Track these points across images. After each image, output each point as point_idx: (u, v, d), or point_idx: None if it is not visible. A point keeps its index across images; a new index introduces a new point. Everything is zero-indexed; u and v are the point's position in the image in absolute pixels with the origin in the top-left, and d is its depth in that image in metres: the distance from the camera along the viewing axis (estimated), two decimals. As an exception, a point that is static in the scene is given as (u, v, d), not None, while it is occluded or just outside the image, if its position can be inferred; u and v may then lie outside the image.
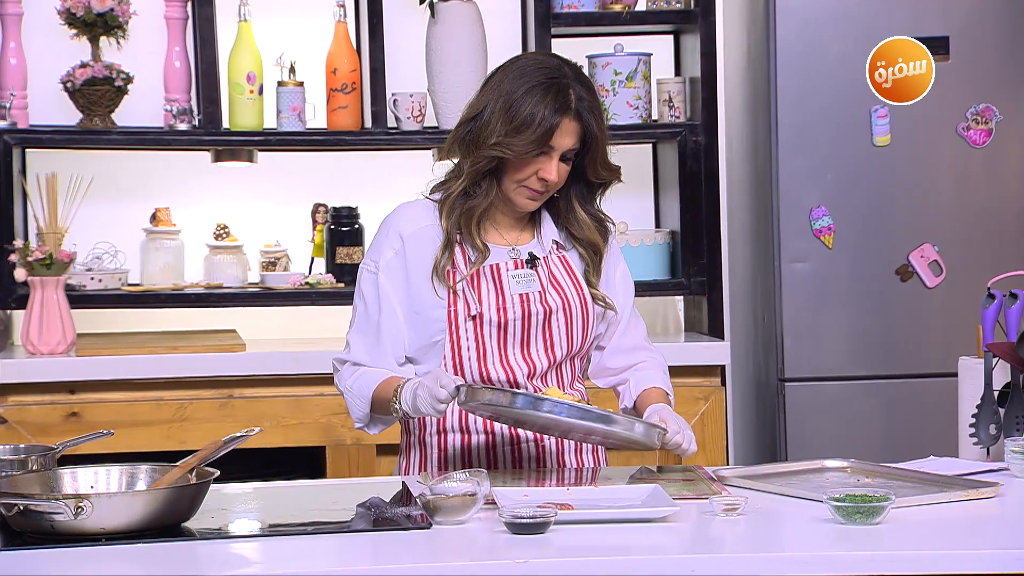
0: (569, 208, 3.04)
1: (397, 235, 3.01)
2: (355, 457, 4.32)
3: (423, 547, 2.49)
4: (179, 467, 2.67)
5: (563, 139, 2.91)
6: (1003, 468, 2.96)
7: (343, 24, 4.60)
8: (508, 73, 2.96)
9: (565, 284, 3.02)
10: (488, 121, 2.94)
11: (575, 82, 2.93)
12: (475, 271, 2.97)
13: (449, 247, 2.98)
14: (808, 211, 4.50)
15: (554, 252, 3.04)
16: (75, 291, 4.47)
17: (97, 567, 2.39)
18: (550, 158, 2.92)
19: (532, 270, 3.01)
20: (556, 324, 3.00)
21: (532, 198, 2.97)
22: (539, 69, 2.94)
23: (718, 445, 4.43)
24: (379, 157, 4.82)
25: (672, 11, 4.66)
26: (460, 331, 2.97)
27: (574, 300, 3.02)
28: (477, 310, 2.96)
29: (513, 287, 2.98)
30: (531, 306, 2.98)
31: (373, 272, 3.01)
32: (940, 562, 2.37)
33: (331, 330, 4.74)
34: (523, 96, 2.91)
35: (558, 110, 2.89)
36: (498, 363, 2.98)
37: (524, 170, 2.93)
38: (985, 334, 3.13)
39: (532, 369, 2.99)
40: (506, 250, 3.01)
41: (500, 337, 2.98)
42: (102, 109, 4.51)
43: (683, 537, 2.54)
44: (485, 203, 2.97)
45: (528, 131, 2.89)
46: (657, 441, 2.80)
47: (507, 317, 2.97)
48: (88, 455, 3.72)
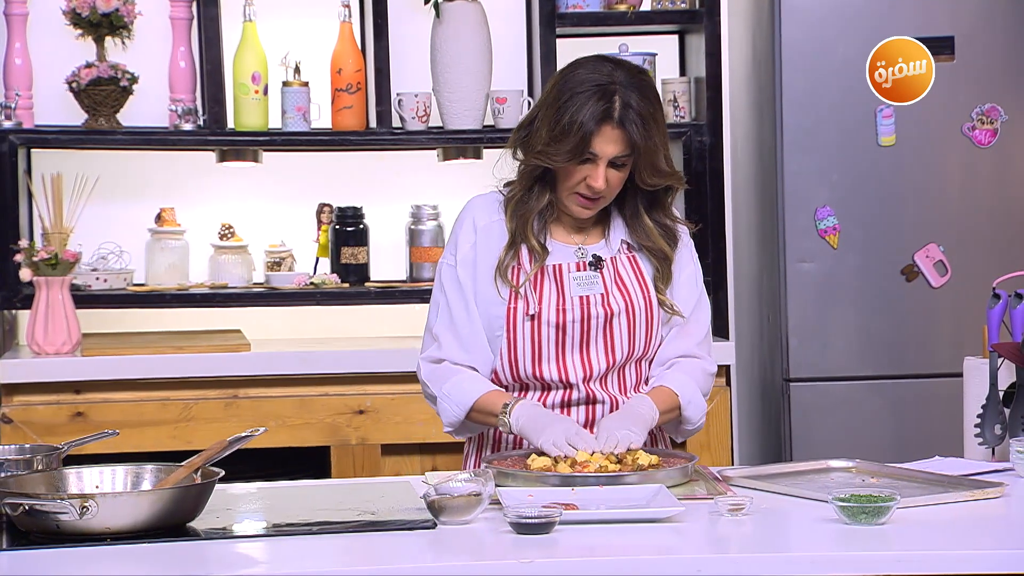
0: (634, 215, 3.01)
1: (472, 227, 3.02)
2: (360, 457, 4.32)
3: (428, 547, 2.50)
4: (184, 467, 2.67)
5: (606, 147, 2.88)
6: (1008, 468, 2.95)
7: (348, 24, 4.60)
8: (562, 78, 2.94)
9: (631, 286, 3.00)
10: (538, 127, 2.94)
11: (627, 88, 2.88)
12: (538, 271, 2.97)
13: (514, 246, 2.98)
14: (813, 211, 4.50)
15: (623, 252, 3.02)
16: (80, 291, 4.48)
17: (102, 567, 2.39)
18: (596, 166, 2.90)
19: (596, 272, 2.99)
20: (618, 327, 2.98)
21: (584, 206, 2.95)
22: (590, 75, 2.90)
23: (723, 445, 4.42)
24: (384, 157, 4.82)
25: (677, 11, 4.66)
26: (517, 330, 2.96)
27: (639, 303, 2.99)
28: (535, 309, 2.96)
29: (574, 288, 2.98)
30: (591, 308, 2.97)
31: (452, 266, 3.01)
32: (945, 562, 2.37)
33: (336, 330, 4.74)
34: (566, 103, 2.89)
35: (599, 118, 2.86)
36: (553, 364, 2.98)
37: (573, 177, 2.92)
38: (990, 334, 3.13)
39: (589, 372, 2.98)
40: (572, 249, 3.01)
41: (558, 338, 2.97)
42: (107, 109, 4.51)
43: (688, 537, 2.54)
44: (538, 207, 2.97)
45: (567, 139, 2.87)
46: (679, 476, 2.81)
47: (566, 319, 2.96)
48: (93, 455, 3.72)
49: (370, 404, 4.33)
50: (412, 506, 2.70)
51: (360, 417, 4.33)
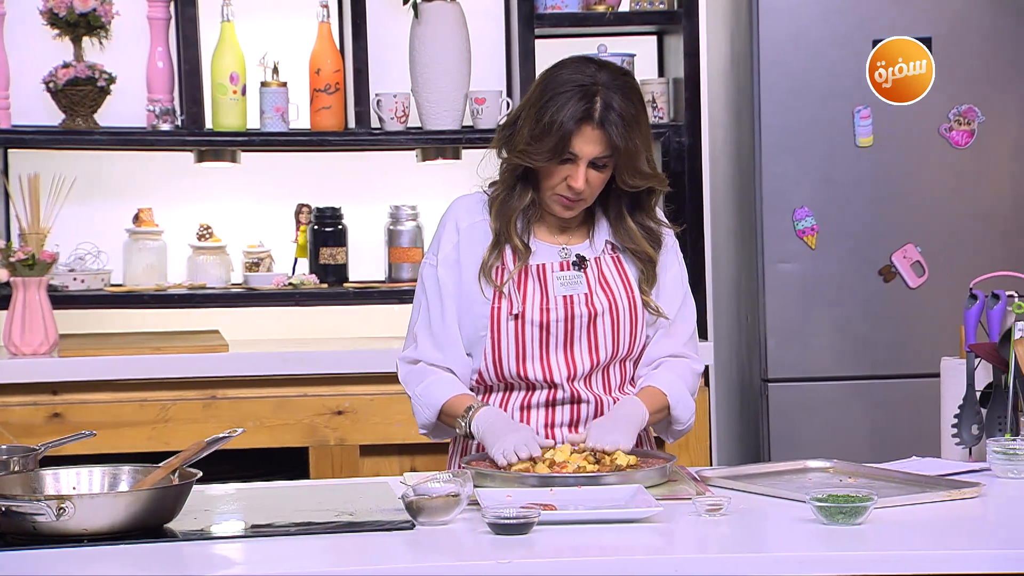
0: (618, 216, 3.02)
1: (455, 228, 3.02)
2: (339, 458, 4.32)
3: (406, 548, 2.49)
4: (162, 468, 2.66)
5: (586, 147, 2.88)
6: (985, 468, 2.96)
7: (326, 24, 4.60)
8: (546, 78, 2.95)
9: (615, 286, 3.01)
10: (520, 127, 2.94)
11: (609, 90, 2.88)
12: (522, 270, 2.97)
13: (498, 246, 2.98)
14: (791, 212, 4.51)
15: (607, 253, 3.02)
16: (58, 292, 4.46)
17: (79, 568, 2.38)
18: (576, 166, 2.90)
19: (579, 272, 2.99)
20: (602, 326, 2.98)
21: (566, 206, 2.95)
22: (573, 75, 2.90)
23: (702, 446, 4.43)
24: (363, 158, 4.81)
25: (655, 12, 4.67)
26: (501, 329, 2.97)
27: (622, 303, 3.00)
28: (519, 309, 2.96)
29: (557, 288, 2.98)
30: (575, 308, 2.97)
31: (434, 266, 3.02)
32: (922, 562, 2.38)
33: (315, 331, 4.74)
34: (548, 102, 2.89)
35: (579, 118, 2.86)
36: (537, 363, 2.98)
37: (554, 177, 2.92)
38: (967, 334, 3.14)
39: (573, 371, 2.98)
40: (556, 249, 3.01)
41: (542, 337, 2.97)
42: (85, 109, 4.50)
43: (666, 537, 2.54)
44: (521, 205, 2.97)
45: (548, 139, 2.87)
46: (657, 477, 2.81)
47: (549, 318, 2.97)
48: (71, 456, 3.71)
49: (349, 405, 4.33)
50: (390, 507, 2.70)
51: (339, 418, 4.33)
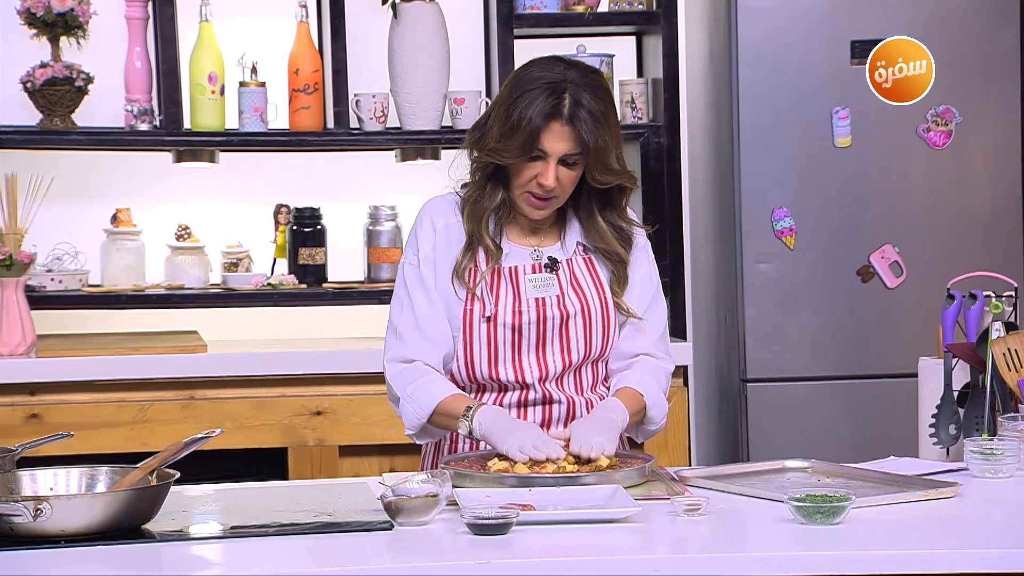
0: (589, 216, 3.01)
1: (431, 227, 3.01)
2: (318, 458, 4.31)
3: (385, 548, 2.49)
4: (140, 469, 2.66)
5: (555, 144, 2.88)
6: (962, 468, 2.97)
7: (305, 24, 4.59)
8: (515, 76, 2.95)
9: (587, 288, 3.01)
10: (491, 125, 2.94)
11: (578, 87, 2.88)
12: (494, 271, 2.97)
13: (471, 248, 2.98)
14: (770, 212, 4.52)
15: (579, 255, 3.03)
16: (35, 292, 4.45)
17: (57, 569, 2.38)
18: (546, 163, 2.90)
19: (551, 274, 3.00)
20: (574, 328, 2.99)
21: (536, 206, 2.95)
22: (543, 73, 2.91)
23: (680, 445, 4.43)
24: (342, 158, 4.81)
25: (634, 12, 4.67)
26: (474, 331, 2.97)
27: (594, 305, 3.00)
28: (492, 311, 2.96)
29: (529, 290, 2.98)
30: (547, 310, 2.97)
31: (415, 265, 3.01)
32: (900, 562, 2.39)
33: (294, 331, 4.73)
34: (518, 100, 2.89)
35: (547, 114, 2.87)
36: (509, 365, 2.98)
37: (524, 175, 2.92)
38: (945, 335, 3.15)
39: (545, 372, 2.98)
40: (528, 251, 3.01)
41: (514, 339, 2.97)
42: (62, 109, 4.48)
43: (645, 537, 2.54)
44: (492, 205, 2.97)
45: (517, 135, 2.88)
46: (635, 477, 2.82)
47: (522, 320, 2.97)
48: (48, 457, 3.69)
49: (328, 405, 4.32)
50: (369, 507, 2.70)
51: (318, 418, 4.32)
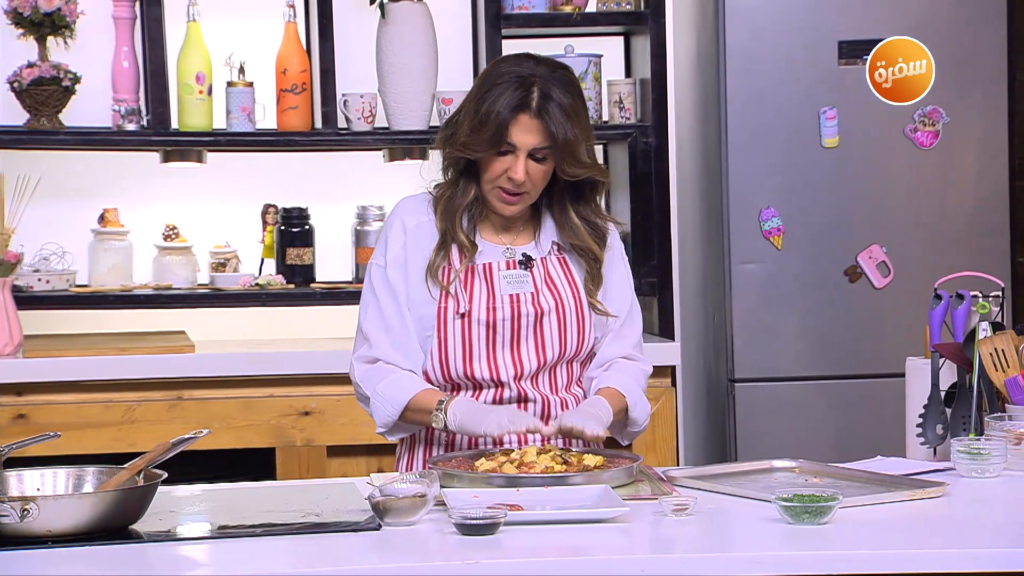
0: (562, 212, 3.02)
1: (402, 228, 3.02)
2: (305, 458, 4.31)
3: (373, 548, 2.49)
4: (127, 469, 2.66)
5: (524, 137, 2.90)
6: (949, 468, 2.98)
7: (293, 24, 4.59)
8: (485, 73, 2.98)
9: (561, 286, 3.01)
10: (461, 121, 2.96)
11: (549, 81, 2.90)
12: (468, 269, 2.98)
13: (444, 246, 2.98)
14: (758, 212, 4.52)
15: (553, 254, 3.04)
16: (22, 292, 4.44)
17: (44, 569, 2.37)
18: (516, 157, 2.91)
19: (526, 270, 3.00)
20: (548, 326, 2.99)
21: (507, 201, 2.96)
22: (512, 68, 2.93)
23: (668, 446, 4.44)
24: (329, 158, 4.80)
25: (622, 12, 4.67)
26: (448, 329, 2.97)
27: (569, 303, 3.01)
28: (466, 308, 2.96)
29: (504, 287, 2.98)
30: (522, 307, 2.98)
31: (382, 266, 3.02)
32: (887, 562, 2.39)
33: (281, 331, 4.73)
34: (487, 94, 2.91)
35: (515, 107, 2.88)
36: (484, 362, 2.98)
37: (493, 169, 2.93)
38: (932, 335, 3.15)
39: (520, 370, 2.99)
40: (501, 249, 3.02)
41: (488, 336, 2.98)
42: (49, 109, 4.47)
43: (633, 537, 2.54)
44: (464, 201, 2.98)
45: (486, 129, 2.89)
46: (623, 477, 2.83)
47: (496, 317, 2.97)
48: (35, 457, 3.69)
49: (315, 405, 4.32)
50: (357, 507, 2.70)
51: (306, 418, 4.32)
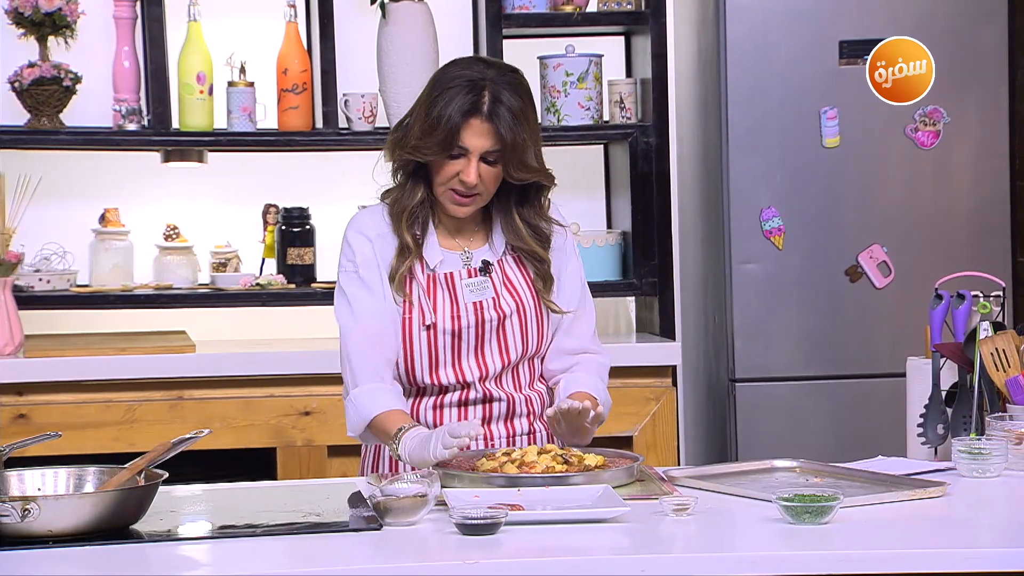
0: (507, 214, 3.03)
1: (365, 237, 3.01)
2: (306, 459, 4.31)
3: (373, 548, 2.49)
4: (127, 469, 2.66)
5: (475, 140, 2.91)
6: (950, 468, 2.98)
7: (294, 24, 4.59)
8: (436, 76, 2.99)
9: (520, 287, 3.03)
10: (411, 124, 2.96)
11: (499, 85, 2.91)
12: (430, 279, 2.98)
13: (403, 254, 2.98)
14: (758, 212, 4.52)
15: (508, 254, 3.05)
16: (23, 292, 4.44)
17: (44, 569, 2.37)
18: (468, 160, 2.92)
19: (486, 277, 3.02)
20: (511, 328, 3.01)
21: (459, 203, 2.96)
22: (462, 72, 2.94)
23: (669, 445, 4.44)
24: (330, 158, 4.80)
25: (623, 12, 4.67)
26: (413, 339, 2.98)
27: (528, 303, 3.03)
28: (432, 320, 2.98)
29: (467, 295, 3.00)
30: (484, 313, 3.00)
31: (353, 271, 3.00)
32: (887, 561, 2.39)
33: (282, 331, 4.73)
34: (437, 98, 2.92)
35: (466, 111, 2.89)
36: (449, 368, 3.00)
37: (445, 172, 2.94)
38: (933, 335, 3.15)
39: (485, 372, 3.01)
40: (458, 255, 3.03)
41: (454, 344, 2.99)
42: (50, 109, 4.48)
43: (633, 537, 2.54)
44: (411, 203, 2.98)
45: (436, 132, 2.90)
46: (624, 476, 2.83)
47: (460, 325, 2.99)
48: (36, 457, 3.69)
49: (316, 405, 4.32)
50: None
51: (306, 418, 4.32)
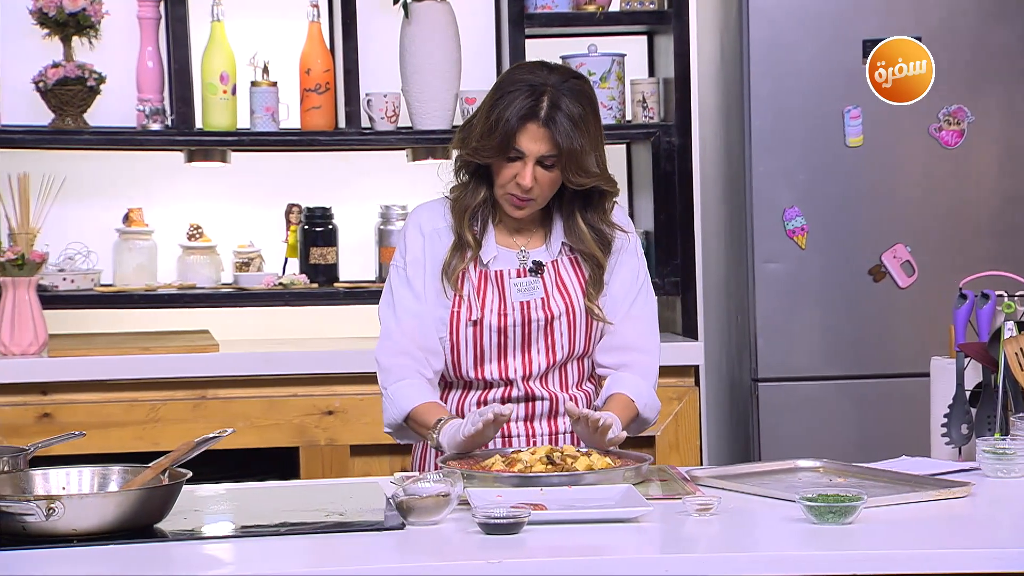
0: (570, 217, 3.05)
1: (419, 232, 3.07)
2: (329, 458, 4.31)
3: (396, 548, 2.49)
4: (151, 468, 2.66)
5: (532, 145, 2.93)
6: (975, 468, 2.97)
7: (317, 24, 4.60)
8: (501, 79, 3.02)
9: (572, 289, 3.05)
10: (475, 125, 2.99)
11: (560, 91, 2.93)
12: (481, 275, 3.01)
13: (459, 248, 3.02)
14: (781, 212, 4.51)
15: (564, 255, 3.07)
16: (47, 292, 4.45)
17: (69, 568, 2.38)
18: (525, 164, 2.94)
19: (536, 277, 3.04)
20: (559, 328, 3.03)
21: (516, 205, 2.99)
22: (525, 76, 2.96)
23: (692, 445, 4.43)
24: (353, 157, 4.81)
25: (646, 12, 4.67)
26: (460, 334, 3.02)
27: (579, 306, 3.05)
28: (478, 315, 3.00)
29: (515, 295, 3.03)
30: (532, 312, 3.02)
31: (402, 268, 3.07)
32: (911, 562, 2.38)
33: (305, 330, 4.73)
34: (499, 101, 2.95)
35: (523, 116, 2.92)
36: (495, 364, 3.03)
37: (504, 175, 2.97)
38: (957, 334, 3.14)
39: (529, 371, 3.03)
40: (514, 253, 3.05)
41: (500, 341, 3.02)
42: (74, 109, 4.49)
43: (656, 537, 2.54)
44: (474, 202, 3.02)
45: (494, 135, 2.93)
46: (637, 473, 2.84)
47: (507, 323, 3.01)
48: (60, 456, 3.70)
49: (339, 404, 4.33)
50: (380, 507, 2.70)
51: (329, 418, 4.33)
